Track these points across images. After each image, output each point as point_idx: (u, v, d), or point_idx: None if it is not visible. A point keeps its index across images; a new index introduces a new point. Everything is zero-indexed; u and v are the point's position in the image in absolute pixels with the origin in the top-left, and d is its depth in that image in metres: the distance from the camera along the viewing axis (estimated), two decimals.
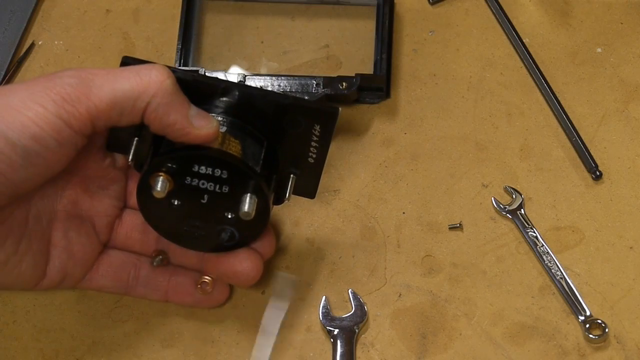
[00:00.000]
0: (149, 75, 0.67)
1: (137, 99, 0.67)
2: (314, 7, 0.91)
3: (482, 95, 0.87)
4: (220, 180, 0.70)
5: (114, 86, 0.66)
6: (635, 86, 0.87)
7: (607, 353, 0.78)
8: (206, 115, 0.70)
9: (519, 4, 0.91)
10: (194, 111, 0.69)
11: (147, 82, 0.67)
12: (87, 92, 0.66)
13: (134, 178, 0.76)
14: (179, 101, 0.68)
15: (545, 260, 0.81)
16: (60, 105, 0.65)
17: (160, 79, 0.67)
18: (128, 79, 0.67)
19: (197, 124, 0.68)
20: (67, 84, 0.66)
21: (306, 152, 0.73)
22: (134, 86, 0.67)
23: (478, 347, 0.79)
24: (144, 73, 0.67)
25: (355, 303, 0.79)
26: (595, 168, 0.84)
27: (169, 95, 0.67)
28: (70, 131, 0.66)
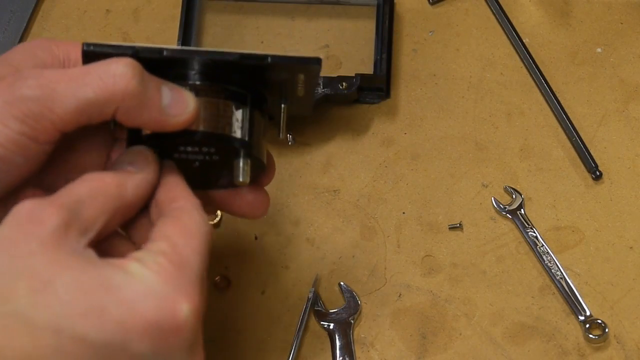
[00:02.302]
0: (113, 79, 0.61)
1: (104, 106, 0.62)
2: (314, 7, 0.91)
3: (482, 95, 0.87)
4: (209, 152, 0.68)
5: (77, 95, 0.61)
6: (635, 86, 0.87)
7: (607, 353, 0.78)
8: (181, 97, 0.65)
9: (519, 4, 0.91)
10: (167, 98, 0.64)
11: (112, 88, 0.62)
12: (50, 105, 0.61)
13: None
14: (149, 97, 0.63)
15: (545, 260, 0.81)
16: (23, 121, 0.61)
17: (125, 83, 0.62)
18: (91, 86, 0.61)
19: (173, 112, 0.64)
20: (28, 98, 0.61)
21: (294, 89, 0.70)
22: (98, 93, 0.61)
23: (478, 347, 0.79)
24: (106, 76, 0.62)
25: (347, 295, 0.80)
26: (595, 168, 0.84)
27: (138, 97, 0.62)
28: (36, 145, 0.62)
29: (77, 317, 0.56)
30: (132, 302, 0.57)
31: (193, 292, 0.59)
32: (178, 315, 0.58)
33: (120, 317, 0.56)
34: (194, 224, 0.63)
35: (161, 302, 0.58)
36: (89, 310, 0.56)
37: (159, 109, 0.63)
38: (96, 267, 0.58)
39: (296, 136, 0.86)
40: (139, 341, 0.57)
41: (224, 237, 0.83)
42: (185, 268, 0.60)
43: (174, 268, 0.59)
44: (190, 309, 0.59)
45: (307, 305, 0.80)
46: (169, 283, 0.59)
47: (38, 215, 0.58)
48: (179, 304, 0.58)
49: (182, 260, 0.60)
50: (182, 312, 0.58)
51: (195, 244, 0.62)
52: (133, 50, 0.64)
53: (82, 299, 0.56)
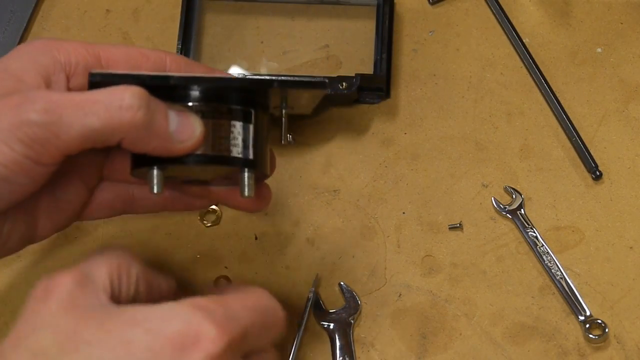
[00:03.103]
0: (119, 111, 0.61)
1: (110, 135, 0.62)
2: (314, 7, 0.91)
3: (482, 95, 0.87)
4: (215, 169, 0.68)
5: (83, 123, 0.61)
6: (635, 86, 0.87)
7: (607, 353, 0.78)
8: (188, 122, 0.64)
9: (519, 4, 0.91)
10: (174, 124, 0.64)
11: (118, 119, 0.61)
12: (56, 131, 0.61)
13: None
14: (156, 126, 0.63)
15: (545, 260, 0.81)
16: (28, 145, 0.61)
17: (131, 115, 0.61)
18: (97, 115, 0.61)
19: (180, 138, 0.64)
20: (34, 123, 0.61)
21: (298, 100, 0.71)
22: (105, 123, 0.61)
23: (478, 347, 0.79)
24: (113, 107, 0.61)
25: (347, 295, 0.80)
26: (595, 168, 0.84)
27: (144, 127, 0.62)
28: (40, 167, 0.63)
29: (106, 353, 0.56)
30: (157, 329, 0.57)
31: (227, 326, 0.58)
32: (202, 336, 0.57)
33: (147, 344, 0.56)
34: (252, 291, 0.63)
35: (185, 324, 0.57)
36: (117, 344, 0.56)
37: (166, 136, 0.64)
38: (122, 312, 0.59)
39: (296, 136, 0.86)
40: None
41: (224, 237, 0.83)
42: (225, 310, 0.59)
43: (211, 305, 0.59)
44: (217, 335, 0.58)
45: (307, 305, 0.80)
46: (199, 311, 0.58)
47: (52, 284, 0.60)
48: (204, 327, 0.58)
49: (224, 306, 0.60)
50: (208, 333, 0.57)
51: (247, 302, 0.62)
52: (140, 79, 0.63)
53: (108, 337, 0.57)
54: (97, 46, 0.68)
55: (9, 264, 0.82)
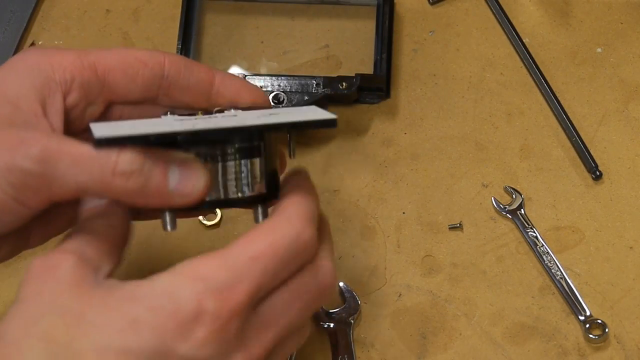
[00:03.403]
0: (112, 176, 0.59)
1: (103, 193, 0.61)
2: (314, 7, 0.91)
3: (482, 95, 0.87)
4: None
5: (77, 180, 0.60)
6: (635, 86, 0.87)
7: (607, 353, 0.78)
8: (190, 175, 0.62)
9: (519, 4, 0.91)
10: (174, 179, 0.61)
11: (111, 184, 0.60)
12: (48, 182, 0.60)
13: None
14: (152, 188, 0.61)
15: (545, 260, 0.81)
16: (19, 189, 0.60)
17: (123, 181, 0.60)
18: (91, 176, 0.59)
19: (181, 193, 0.61)
20: (27, 171, 0.59)
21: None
22: (97, 185, 0.60)
23: (478, 347, 0.79)
24: (106, 171, 0.59)
25: (347, 295, 0.80)
26: (595, 168, 0.84)
27: (138, 193, 0.60)
28: (29, 210, 0.62)
29: (115, 335, 0.56)
30: (159, 306, 0.57)
31: (229, 294, 0.57)
32: (203, 311, 0.57)
33: (153, 322, 0.56)
34: (269, 230, 0.60)
35: (185, 300, 0.57)
36: (124, 325, 0.56)
37: (165, 194, 0.61)
38: (121, 287, 0.58)
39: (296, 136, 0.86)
40: (179, 341, 0.57)
41: (224, 238, 0.83)
42: (226, 273, 0.58)
43: (210, 272, 0.58)
44: (217, 308, 0.57)
45: None
46: (197, 283, 0.57)
47: (51, 264, 0.59)
48: (205, 301, 0.57)
49: (225, 267, 0.58)
50: (209, 308, 0.57)
51: (259, 246, 0.59)
52: (146, 139, 0.61)
53: (114, 317, 0.56)
54: (93, 55, 0.66)
55: (9, 264, 0.82)
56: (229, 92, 0.68)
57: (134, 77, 0.66)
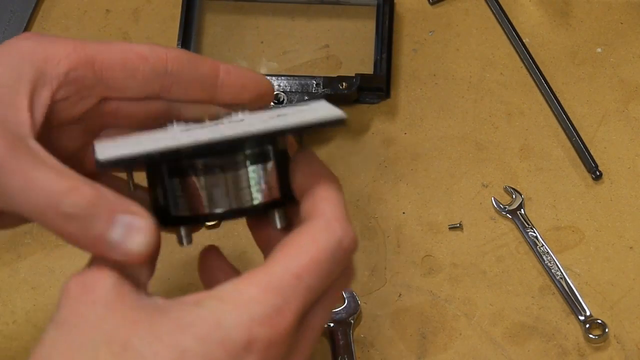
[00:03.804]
0: (55, 212, 0.56)
1: (43, 224, 0.57)
2: (314, 7, 0.91)
3: (482, 95, 0.87)
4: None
5: (20, 205, 0.56)
6: (635, 86, 0.87)
7: (607, 353, 0.78)
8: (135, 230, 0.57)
9: (519, 4, 0.91)
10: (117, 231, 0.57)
11: (51, 219, 0.56)
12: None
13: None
14: (90, 235, 0.56)
15: (545, 260, 0.81)
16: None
17: (62, 223, 0.56)
18: (35, 204, 0.56)
19: (120, 249, 0.57)
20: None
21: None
22: (40, 215, 0.56)
23: (478, 347, 0.79)
24: (51, 203, 0.56)
25: (347, 295, 0.80)
26: (595, 168, 0.84)
27: (76, 236, 0.56)
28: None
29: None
30: (207, 336, 0.54)
31: (278, 318, 0.55)
32: (253, 340, 0.55)
33: (202, 353, 0.54)
34: (310, 242, 0.57)
35: (234, 329, 0.55)
36: (173, 357, 0.54)
37: (102, 247, 0.57)
38: (166, 312, 0.56)
39: None
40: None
41: (224, 238, 0.83)
42: (274, 298, 0.55)
43: (257, 297, 0.55)
44: (267, 334, 0.55)
45: None
46: (245, 311, 0.55)
47: (89, 283, 0.56)
48: (254, 329, 0.55)
49: (272, 292, 0.56)
50: (259, 335, 0.55)
51: (302, 265, 0.56)
52: (149, 157, 0.58)
53: (163, 347, 0.54)
54: (91, 48, 0.63)
55: (9, 263, 0.82)
56: (234, 85, 0.65)
57: (134, 73, 0.63)
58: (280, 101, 0.85)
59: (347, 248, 0.58)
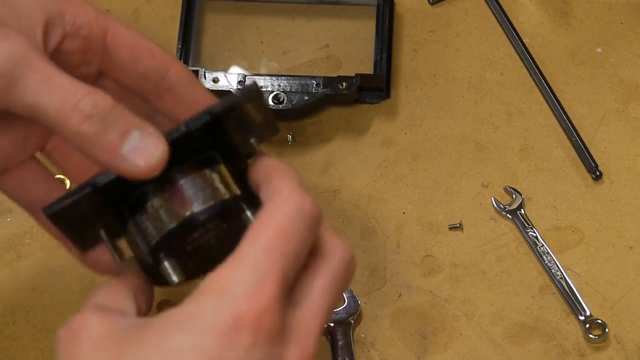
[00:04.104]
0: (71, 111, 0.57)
1: (54, 125, 0.58)
2: (314, 7, 0.91)
3: (482, 95, 0.87)
4: (215, 226, 0.61)
5: (37, 97, 0.58)
6: (635, 86, 0.87)
7: (607, 353, 0.78)
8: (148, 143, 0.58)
9: (519, 4, 0.91)
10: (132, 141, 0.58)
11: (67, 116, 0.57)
12: (9, 85, 0.57)
13: None
14: (105, 139, 0.57)
15: (545, 260, 0.81)
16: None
17: (78, 122, 0.57)
18: (52, 99, 0.57)
19: (131, 159, 0.58)
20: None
21: (251, 120, 0.63)
22: (56, 112, 0.57)
23: (478, 347, 0.79)
24: (70, 99, 0.57)
25: (347, 295, 0.80)
26: (595, 168, 0.84)
27: (89, 137, 0.57)
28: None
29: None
30: (192, 328, 0.54)
31: (259, 292, 0.54)
32: (239, 314, 0.54)
33: (192, 344, 0.53)
34: (272, 217, 0.56)
35: (217, 316, 0.54)
36: (163, 356, 0.53)
37: (114, 154, 0.58)
38: (151, 322, 0.55)
39: (296, 136, 0.86)
40: (226, 353, 0.53)
41: None
42: (249, 272, 0.55)
43: (233, 276, 0.54)
44: (250, 307, 0.54)
45: None
46: (224, 295, 0.54)
47: (75, 327, 0.56)
48: (239, 307, 0.54)
49: (246, 266, 0.55)
50: (243, 310, 0.54)
51: (269, 238, 0.56)
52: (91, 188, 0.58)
53: (151, 352, 0.54)
54: (110, 22, 0.65)
55: (9, 263, 0.82)
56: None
57: (137, 61, 0.64)
58: (280, 101, 0.85)
59: (309, 212, 0.57)
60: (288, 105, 0.85)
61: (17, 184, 0.66)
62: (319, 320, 0.57)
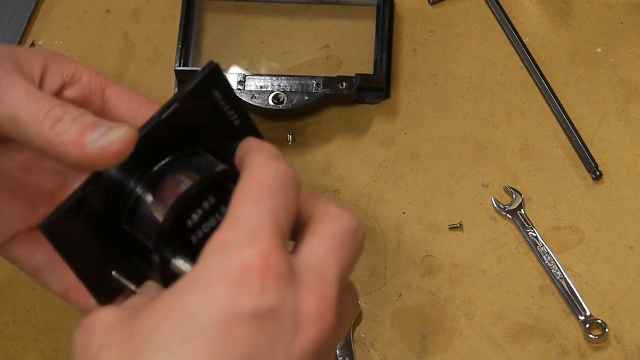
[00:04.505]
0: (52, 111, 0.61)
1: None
2: (314, 7, 0.91)
3: (482, 95, 0.87)
4: (212, 208, 0.61)
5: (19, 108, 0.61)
6: (635, 86, 0.87)
7: (607, 353, 0.78)
8: (114, 129, 0.59)
9: (519, 4, 0.91)
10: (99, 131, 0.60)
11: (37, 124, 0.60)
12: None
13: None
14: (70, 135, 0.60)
15: (545, 260, 0.81)
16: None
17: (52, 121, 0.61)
18: (34, 109, 0.61)
19: (99, 144, 0.59)
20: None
21: (228, 120, 0.64)
22: (36, 115, 0.61)
23: (478, 347, 0.79)
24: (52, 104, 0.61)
25: None
26: (595, 168, 0.84)
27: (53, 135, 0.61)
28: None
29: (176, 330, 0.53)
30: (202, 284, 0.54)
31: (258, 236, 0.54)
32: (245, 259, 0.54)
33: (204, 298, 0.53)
34: (251, 178, 0.57)
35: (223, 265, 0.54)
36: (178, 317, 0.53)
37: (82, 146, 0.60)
38: (160, 296, 0.55)
39: (296, 136, 0.86)
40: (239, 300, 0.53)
41: None
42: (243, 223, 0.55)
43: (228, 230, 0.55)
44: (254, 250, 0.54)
45: None
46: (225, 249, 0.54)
47: (88, 323, 0.56)
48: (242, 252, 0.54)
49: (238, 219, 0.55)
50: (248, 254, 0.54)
51: (255, 192, 0.56)
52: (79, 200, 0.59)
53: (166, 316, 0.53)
54: (108, 80, 0.67)
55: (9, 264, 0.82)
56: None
57: (136, 111, 0.66)
58: (280, 101, 0.85)
59: (285, 172, 0.58)
60: (288, 105, 0.85)
61: (24, 248, 0.68)
62: (332, 270, 0.56)
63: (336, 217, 0.59)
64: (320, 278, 0.55)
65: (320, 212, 0.59)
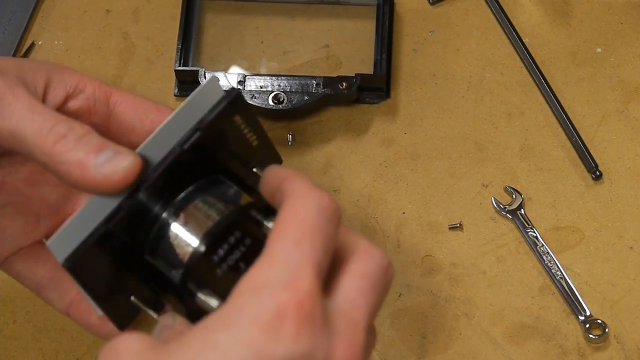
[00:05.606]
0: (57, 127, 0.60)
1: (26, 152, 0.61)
2: (314, 7, 0.91)
3: (482, 95, 0.87)
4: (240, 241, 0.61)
5: (23, 122, 0.61)
6: (635, 86, 0.87)
7: (607, 353, 0.78)
8: (119, 156, 0.59)
9: (519, 4, 0.91)
10: (104, 156, 0.60)
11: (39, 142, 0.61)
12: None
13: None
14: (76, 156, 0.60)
15: (545, 260, 0.81)
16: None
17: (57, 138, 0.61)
18: (38, 122, 0.60)
19: (102, 170, 0.59)
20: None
21: (247, 142, 0.64)
22: (40, 129, 0.61)
23: (478, 347, 0.79)
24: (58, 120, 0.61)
25: None
26: (595, 168, 0.84)
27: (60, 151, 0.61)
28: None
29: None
30: (235, 324, 0.53)
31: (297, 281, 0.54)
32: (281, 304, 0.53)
33: (237, 339, 0.53)
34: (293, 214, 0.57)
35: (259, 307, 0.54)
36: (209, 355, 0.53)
37: (86, 168, 0.60)
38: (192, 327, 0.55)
39: (296, 136, 0.86)
40: (271, 345, 0.53)
41: None
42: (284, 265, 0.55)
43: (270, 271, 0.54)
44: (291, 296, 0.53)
45: None
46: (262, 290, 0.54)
47: (114, 346, 0.56)
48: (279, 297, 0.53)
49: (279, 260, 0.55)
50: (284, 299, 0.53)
51: (296, 231, 0.56)
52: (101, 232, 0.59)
53: (194, 353, 0.53)
54: (112, 88, 0.67)
55: None
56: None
57: (143, 117, 0.66)
58: (280, 101, 0.85)
59: (329, 206, 0.57)
60: (288, 105, 0.85)
61: (27, 263, 0.68)
62: (362, 316, 0.56)
63: (368, 256, 0.58)
64: (351, 325, 0.55)
65: (351, 248, 0.58)
